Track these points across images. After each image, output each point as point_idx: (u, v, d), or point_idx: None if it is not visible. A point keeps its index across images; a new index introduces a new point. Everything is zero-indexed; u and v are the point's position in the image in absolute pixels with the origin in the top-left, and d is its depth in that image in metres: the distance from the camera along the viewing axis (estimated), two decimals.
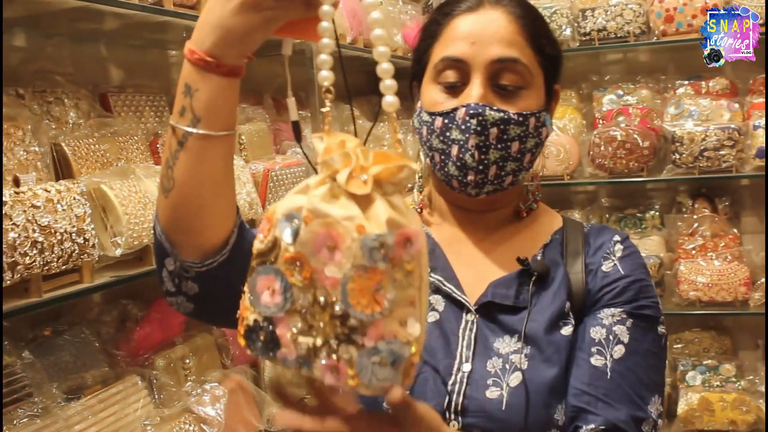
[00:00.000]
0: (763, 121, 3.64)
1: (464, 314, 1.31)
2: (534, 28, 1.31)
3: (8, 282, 1.70)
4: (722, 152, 3.67)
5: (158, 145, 2.40)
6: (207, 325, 2.60)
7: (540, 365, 1.25)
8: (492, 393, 1.23)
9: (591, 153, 3.86)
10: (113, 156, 2.21)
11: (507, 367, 1.25)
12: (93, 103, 2.34)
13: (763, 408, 3.61)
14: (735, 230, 3.90)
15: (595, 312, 1.31)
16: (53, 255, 1.80)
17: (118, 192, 2.02)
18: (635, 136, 3.77)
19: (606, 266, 1.34)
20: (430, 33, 1.34)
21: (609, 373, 1.25)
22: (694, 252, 3.84)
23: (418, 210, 1.45)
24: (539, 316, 1.29)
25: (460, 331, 1.30)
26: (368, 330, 0.84)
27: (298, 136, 1.08)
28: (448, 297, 1.33)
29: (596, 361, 1.26)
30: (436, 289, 1.34)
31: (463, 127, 1.25)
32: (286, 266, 0.87)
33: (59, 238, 1.81)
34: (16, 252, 1.71)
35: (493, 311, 1.30)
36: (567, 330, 1.29)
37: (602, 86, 4.13)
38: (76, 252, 1.87)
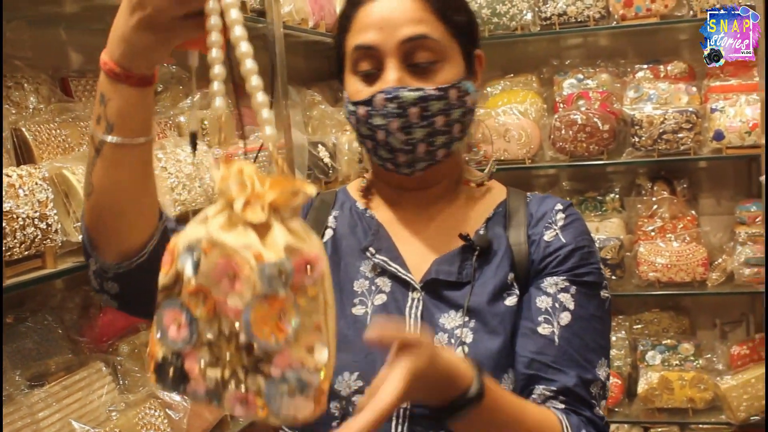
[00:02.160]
0: (720, 104, 3.70)
1: (410, 293, 1.34)
2: (440, 0, 1.31)
3: None
4: (680, 135, 3.72)
5: None
6: None
7: (484, 337, 1.28)
8: None
9: (552, 137, 3.89)
10: (75, 141, 2.19)
11: (452, 341, 1.28)
12: (53, 87, 2.31)
13: (720, 386, 3.68)
14: (693, 212, 3.97)
15: (538, 281, 1.33)
16: (15, 240, 1.78)
17: (81, 177, 2.00)
18: (595, 119, 3.81)
19: (548, 235, 1.35)
20: (343, 24, 1.35)
21: (557, 341, 1.27)
22: (653, 233, 3.89)
23: (361, 195, 1.47)
24: (482, 290, 1.31)
25: (407, 309, 1.32)
26: (274, 359, 0.83)
27: (193, 147, 1.10)
28: (394, 277, 1.35)
29: (543, 329, 1.28)
30: (382, 270, 1.36)
31: (383, 112, 1.27)
32: (190, 299, 0.86)
33: (21, 223, 1.80)
34: None
35: (438, 288, 1.33)
36: (511, 300, 1.32)
37: (563, 70, 4.16)
38: (39, 237, 1.85)
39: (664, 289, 3.85)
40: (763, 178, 3.51)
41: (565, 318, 1.29)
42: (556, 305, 1.30)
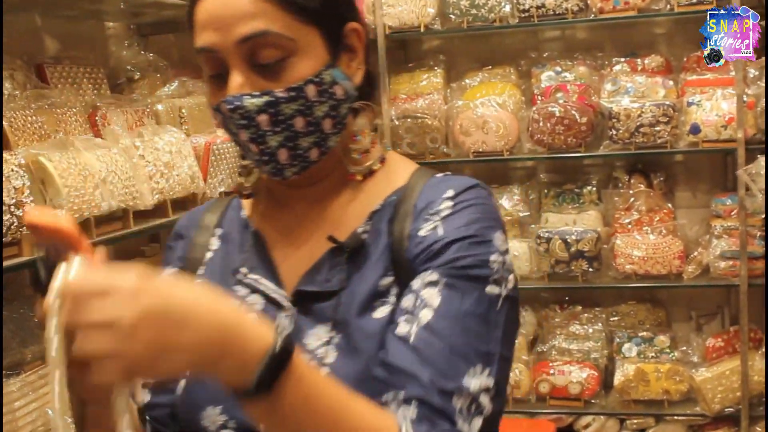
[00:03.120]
0: (696, 98, 3.71)
1: (281, 312, 1.19)
2: None
3: None
4: (657, 128, 3.74)
5: (97, 117, 2.36)
6: None
7: (348, 356, 1.11)
8: None
9: (530, 129, 3.89)
10: (51, 128, 2.17)
11: (314, 362, 1.11)
12: (29, 74, 2.29)
13: (696, 378, 3.71)
14: (669, 205, 3.99)
15: (411, 281, 1.11)
16: None
17: (57, 164, 1.98)
18: (573, 112, 3.82)
19: (425, 229, 1.13)
20: (189, 23, 1.19)
21: (412, 340, 1.05)
22: (630, 226, 3.91)
23: (247, 199, 1.32)
24: (353, 299, 1.14)
25: None
26: None
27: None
28: (266, 295, 1.22)
29: (401, 329, 1.07)
30: (254, 289, 1.22)
31: (231, 122, 1.13)
32: None
33: None
34: None
35: (307, 301, 1.17)
36: (382, 311, 1.12)
37: (541, 63, 4.16)
38: (15, 224, 1.83)
39: (640, 282, 3.86)
40: (739, 171, 3.54)
41: (425, 316, 1.06)
42: (418, 302, 1.08)
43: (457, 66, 4.32)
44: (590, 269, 3.89)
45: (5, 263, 1.85)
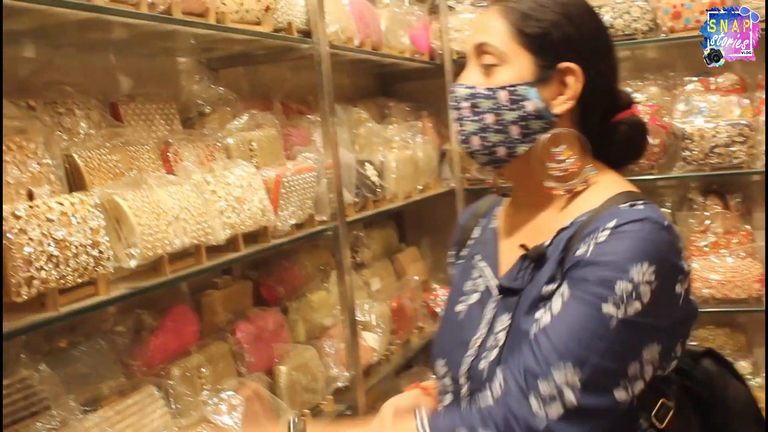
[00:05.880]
0: None
1: (493, 295, 1.48)
2: (516, 11, 1.43)
3: (25, 297, 1.69)
4: (733, 148, 3.65)
5: (169, 153, 2.39)
6: (221, 333, 2.59)
7: (512, 347, 1.36)
8: (482, 364, 1.40)
9: None
10: (125, 166, 2.20)
11: (494, 343, 1.40)
12: (103, 112, 2.33)
13: None
14: (747, 226, 3.89)
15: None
16: (69, 268, 1.79)
17: (131, 203, 2.01)
18: None
19: (580, 250, 1.31)
20: None
21: (531, 337, 1.31)
22: (706, 249, 3.82)
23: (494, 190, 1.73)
24: (527, 298, 1.38)
25: (486, 310, 1.47)
26: None
27: None
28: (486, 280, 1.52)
29: (532, 329, 1.32)
30: (481, 274, 1.54)
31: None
32: None
33: (74, 251, 1.81)
34: (31, 266, 1.70)
35: (505, 292, 1.45)
36: (540, 313, 1.33)
37: None
38: (92, 265, 1.86)
39: (718, 306, 3.78)
40: None
41: (545, 319, 1.30)
42: (547, 308, 1.32)
43: None
44: None
45: (84, 303, 1.88)
